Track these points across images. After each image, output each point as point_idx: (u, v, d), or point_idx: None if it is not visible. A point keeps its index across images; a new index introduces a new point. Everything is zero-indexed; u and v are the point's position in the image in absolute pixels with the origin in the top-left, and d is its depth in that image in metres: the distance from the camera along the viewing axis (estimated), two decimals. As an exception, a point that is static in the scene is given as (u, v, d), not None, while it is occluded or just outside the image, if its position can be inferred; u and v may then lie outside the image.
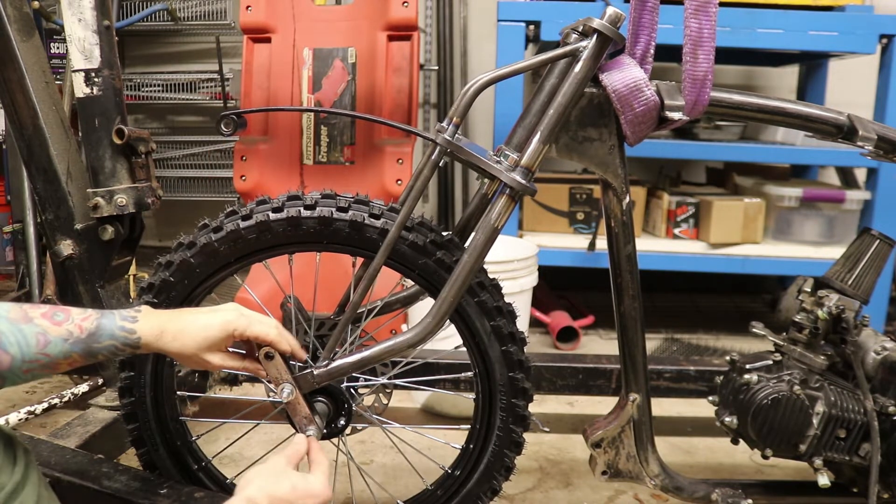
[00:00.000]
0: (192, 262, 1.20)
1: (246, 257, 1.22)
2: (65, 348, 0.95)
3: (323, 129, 2.44)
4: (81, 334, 0.96)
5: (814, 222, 2.75)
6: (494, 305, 1.23)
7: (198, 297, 1.25)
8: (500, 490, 1.31)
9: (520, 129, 1.15)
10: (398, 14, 2.37)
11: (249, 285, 2.35)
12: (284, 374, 1.10)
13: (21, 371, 0.93)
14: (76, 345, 0.96)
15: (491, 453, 1.28)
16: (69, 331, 0.96)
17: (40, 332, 0.93)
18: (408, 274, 1.22)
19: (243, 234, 1.18)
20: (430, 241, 1.20)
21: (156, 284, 1.23)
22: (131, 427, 1.29)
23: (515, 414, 1.26)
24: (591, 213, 2.79)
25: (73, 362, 0.98)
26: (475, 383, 1.28)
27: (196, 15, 3.41)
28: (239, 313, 1.05)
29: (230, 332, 1.03)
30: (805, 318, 1.33)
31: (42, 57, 1.59)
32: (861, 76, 3.10)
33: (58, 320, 0.95)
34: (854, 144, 1.23)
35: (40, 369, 0.95)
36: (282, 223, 1.18)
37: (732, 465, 1.91)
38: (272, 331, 1.07)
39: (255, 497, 0.92)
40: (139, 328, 1.00)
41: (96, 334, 0.97)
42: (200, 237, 1.20)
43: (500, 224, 1.13)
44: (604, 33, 1.10)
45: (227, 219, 1.21)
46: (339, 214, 1.17)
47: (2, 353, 0.90)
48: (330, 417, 1.22)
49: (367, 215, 1.19)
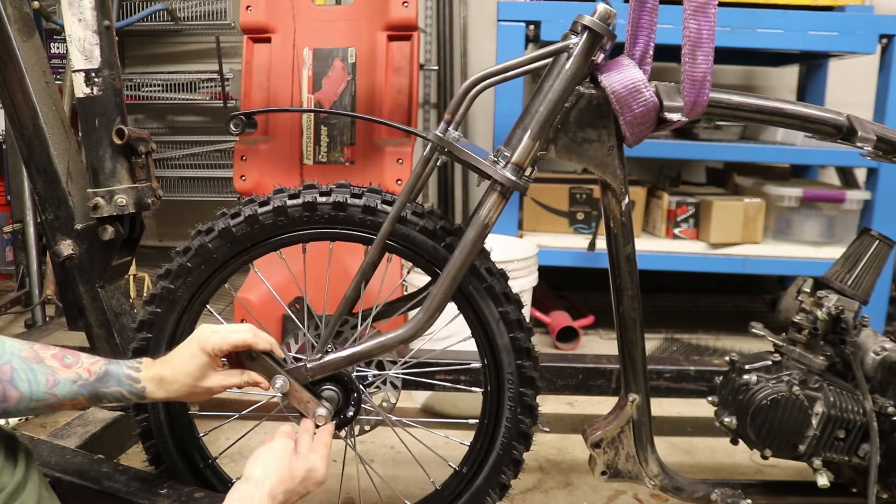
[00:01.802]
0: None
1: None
2: (73, 390, 0.99)
3: (323, 129, 2.44)
4: (90, 377, 1.01)
5: (814, 222, 2.75)
6: (502, 292, 1.24)
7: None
8: (510, 486, 1.31)
9: (518, 129, 1.15)
10: (398, 14, 2.37)
11: (246, 290, 2.35)
12: (273, 369, 1.13)
13: (27, 408, 0.97)
14: (84, 388, 1.00)
15: (500, 446, 1.28)
16: (78, 374, 1.00)
17: (50, 373, 0.97)
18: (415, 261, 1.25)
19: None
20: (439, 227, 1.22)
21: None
22: (140, 418, 1.29)
23: (524, 404, 1.27)
24: (591, 213, 2.79)
25: (78, 404, 1.02)
26: (483, 374, 1.29)
27: (196, 15, 3.41)
28: (211, 331, 1.07)
29: (209, 351, 1.05)
30: (804, 319, 1.33)
31: (42, 57, 1.59)
32: (861, 76, 3.09)
33: (67, 363, 1.00)
34: (853, 145, 1.23)
35: (45, 408, 0.99)
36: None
37: (732, 465, 1.91)
38: (247, 335, 1.09)
39: (275, 493, 0.97)
40: (142, 377, 1.04)
41: (104, 379, 1.02)
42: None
43: (490, 220, 1.14)
44: (594, 30, 1.10)
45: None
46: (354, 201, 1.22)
47: (13, 389, 0.94)
48: (339, 406, 1.23)
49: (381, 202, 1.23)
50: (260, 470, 0.98)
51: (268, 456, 1.01)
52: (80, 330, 1.85)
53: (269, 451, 1.02)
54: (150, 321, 1.26)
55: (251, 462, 1.00)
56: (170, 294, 1.25)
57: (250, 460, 1.01)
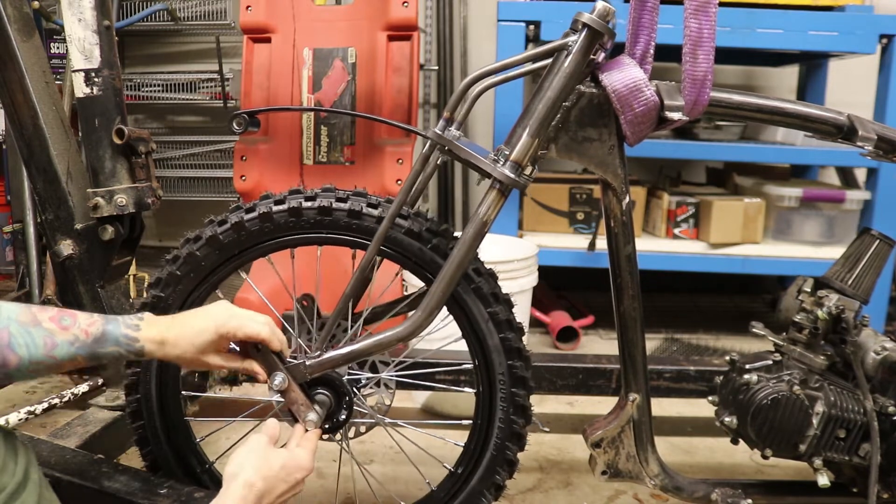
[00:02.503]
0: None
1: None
2: (70, 351, 0.98)
3: (323, 129, 2.44)
4: (87, 339, 1.00)
5: (814, 222, 2.75)
6: (491, 292, 1.24)
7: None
8: (504, 486, 1.31)
9: (518, 128, 1.15)
10: (398, 14, 2.37)
11: (246, 289, 2.35)
12: (275, 365, 1.14)
13: (27, 371, 0.97)
14: (81, 349, 0.99)
15: (493, 447, 1.28)
16: (75, 335, 0.99)
17: (48, 336, 0.97)
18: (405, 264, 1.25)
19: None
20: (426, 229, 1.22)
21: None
22: (136, 425, 1.29)
23: (516, 404, 1.26)
24: (591, 213, 2.79)
25: (77, 364, 1.01)
26: (475, 375, 1.29)
27: (196, 15, 3.40)
28: (230, 314, 1.07)
29: (223, 334, 1.05)
30: (805, 318, 1.33)
31: (42, 57, 1.59)
32: (861, 76, 3.09)
33: (65, 325, 0.99)
34: (854, 144, 1.23)
35: (45, 370, 0.99)
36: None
37: (732, 465, 1.91)
38: (264, 329, 1.09)
39: (252, 481, 0.97)
40: (142, 336, 1.03)
41: (101, 340, 1.01)
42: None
43: (489, 218, 1.14)
44: (593, 27, 1.10)
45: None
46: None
47: (11, 353, 0.94)
48: (331, 409, 1.23)
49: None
50: (234, 465, 0.99)
51: (242, 451, 1.01)
52: (80, 330, 1.85)
53: (244, 447, 1.02)
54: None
55: (228, 462, 1.01)
56: (161, 303, 1.25)
57: (228, 461, 1.01)
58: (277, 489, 1.00)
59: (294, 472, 1.03)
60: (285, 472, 1.01)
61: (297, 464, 1.04)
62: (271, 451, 1.02)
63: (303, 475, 1.04)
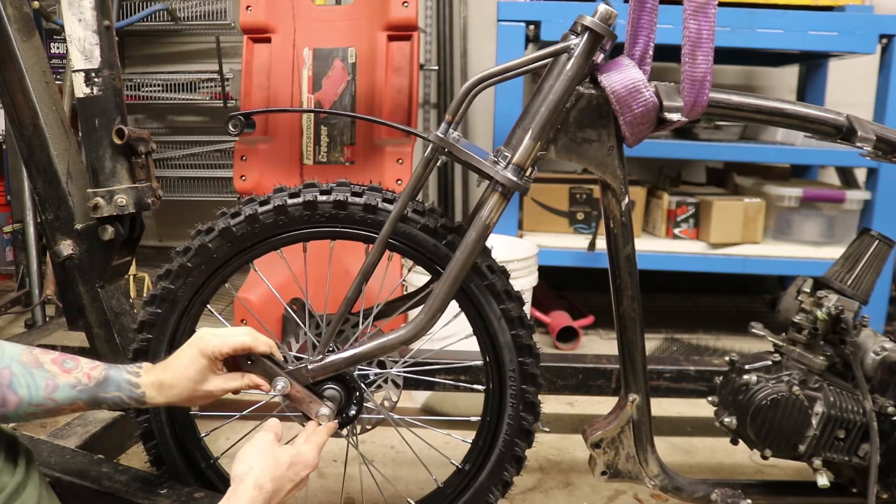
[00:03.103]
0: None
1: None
2: (72, 395, 0.99)
3: (323, 129, 2.44)
4: (90, 382, 1.00)
5: (814, 222, 2.75)
6: (504, 289, 1.24)
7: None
8: (512, 483, 1.31)
9: (518, 130, 1.16)
10: (398, 14, 2.37)
11: (246, 289, 2.36)
12: (273, 371, 1.13)
13: (25, 412, 0.96)
14: (83, 393, 1.00)
15: (502, 443, 1.29)
16: (77, 378, 0.99)
17: (49, 377, 0.97)
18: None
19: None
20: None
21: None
22: (141, 419, 1.29)
23: (526, 401, 1.27)
24: (591, 213, 2.79)
25: (77, 409, 1.02)
26: (485, 371, 1.29)
27: (196, 15, 3.41)
28: (210, 335, 1.07)
29: (209, 355, 1.05)
30: (804, 319, 1.33)
31: (42, 57, 1.59)
32: (861, 76, 3.09)
33: (67, 367, 0.99)
34: (853, 145, 1.23)
35: (44, 413, 0.99)
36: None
37: (732, 465, 1.91)
38: (247, 338, 1.09)
39: (262, 482, 0.96)
40: (143, 383, 1.04)
41: (104, 384, 1.01)
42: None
43: (491, 221, 1.14)
44: (595, 30, 1.10)
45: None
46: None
47: (11, 394, 0.94)
48: (342, 404, 1.23)
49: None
50: (244, 465, 0.98)
51: (250, 450, 1.01)
52: (80, 330, 1.85)
53: (251, 445, 1.02)
54: (151, 322, 1.26)
55: (235, 462, 1.00)
56: (170, 294, 1.25)
57: (234, 460, 1.00)
58: (285, 488, 1.00)
59: (301, 471, 1.03)
60: (293, 472, 1.01)
61: (303, 461, 1.04)
62: (279, 450, 1.02)
63: (308, 472, 1.04)
